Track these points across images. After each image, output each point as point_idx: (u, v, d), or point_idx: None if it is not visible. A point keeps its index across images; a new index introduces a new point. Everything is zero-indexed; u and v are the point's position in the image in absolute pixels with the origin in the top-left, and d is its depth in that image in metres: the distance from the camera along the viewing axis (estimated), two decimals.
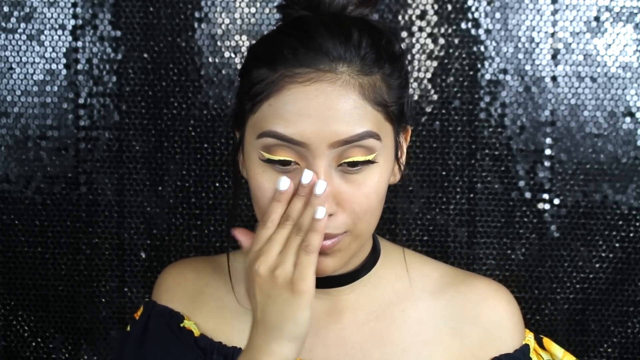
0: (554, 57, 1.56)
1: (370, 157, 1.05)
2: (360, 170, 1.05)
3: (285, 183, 1.04)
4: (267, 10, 1.57)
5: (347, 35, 1.05)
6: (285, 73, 1.04)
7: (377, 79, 1.06)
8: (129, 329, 1.23)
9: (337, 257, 1.09)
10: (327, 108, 1.03)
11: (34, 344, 1.65)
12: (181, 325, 1.19)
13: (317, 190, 1.03)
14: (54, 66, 1.60)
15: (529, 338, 1.21)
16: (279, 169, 1.06)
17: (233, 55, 1.58)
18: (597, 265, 1.59)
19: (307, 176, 1.03)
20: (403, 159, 1.15)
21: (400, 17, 1.56)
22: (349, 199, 1.05)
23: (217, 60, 1.58)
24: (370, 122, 1.05)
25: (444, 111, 1.58)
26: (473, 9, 1.56)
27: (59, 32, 1.59)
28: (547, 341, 1.24)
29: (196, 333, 1.19)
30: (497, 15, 1.56)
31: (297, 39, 1.06)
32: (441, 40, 1.57)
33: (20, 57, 1.60)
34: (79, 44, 1.59)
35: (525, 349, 1.19)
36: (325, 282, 1.13)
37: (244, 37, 1.58)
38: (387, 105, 1.07)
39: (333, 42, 1.04)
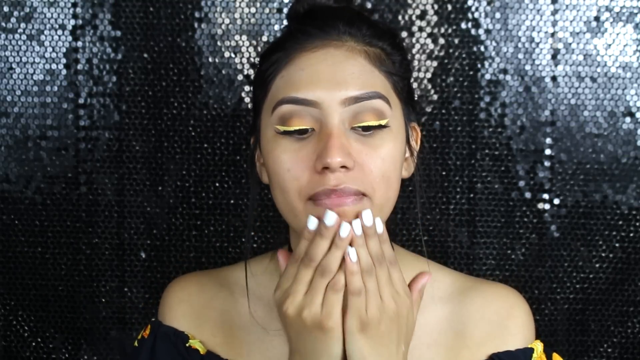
0: (554, 57, 1.56)
1: (382, 122, 1.07)
2: (374, 134, 1.07)
3: (313, 223, 1.03)
4: (267, 10, 1.57)
5: (349, 15, 1.12)
6: (293, 46, 1.09)
7: (381, 52, 1.11)
8: (136, 344, 1.23)
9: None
10: (336, 69, 1.07)
11: (34, 344, 1.65)
12: (187, 345, 1.19)
13: (342, 232, 1.02)
14: (54, 66, 1.60)
15: (537, 344, 1.19)
16: (296, 137, 1.07)
17: (233, 55, 1.58)
18: (597, 265, 1.59)
19: (330, 218, 1.02)
20: (415, 156, 1.16)
21: (400, 17, 1.56)
22: (366, 158, 1.06)
23: (217, 60, 1.58)
24: (378, 85, 1.08)
25: (444, 111, 1.58)
26: (473, 9, 1.56)
27: (59, 32, 1.59)
28: (556, 357, 1.21)
29: (202, 351, 1.18)
30: (497, 15, 1.56)
31: (304, 20, 1.12)
32: (441, 40, 1.57)
33: (20, 57, 1.60)
34: (79, 44, 1.59)
35: (528, 351, 1.17)
36: None
37: (244, 37, 1.58)
38: (394, 75, 1.10)
39: (337, 20, 1.10)
